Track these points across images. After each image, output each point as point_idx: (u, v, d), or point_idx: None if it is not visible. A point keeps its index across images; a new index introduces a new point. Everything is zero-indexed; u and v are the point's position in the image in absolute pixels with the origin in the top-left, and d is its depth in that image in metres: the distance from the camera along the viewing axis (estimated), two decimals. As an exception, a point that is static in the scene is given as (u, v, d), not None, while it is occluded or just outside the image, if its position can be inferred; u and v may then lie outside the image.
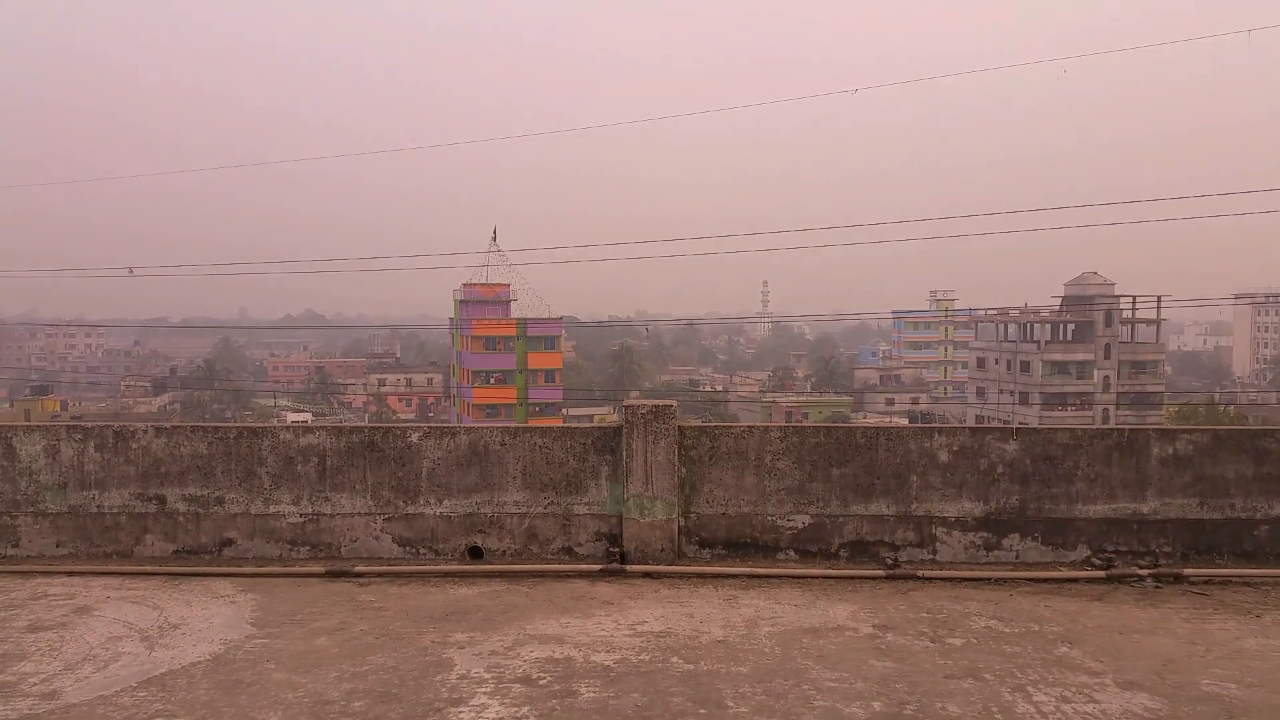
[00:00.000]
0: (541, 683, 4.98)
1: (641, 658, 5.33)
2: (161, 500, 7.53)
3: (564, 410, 74.36)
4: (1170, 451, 7.32)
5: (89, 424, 7.95)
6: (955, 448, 7.35)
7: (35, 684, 4.95)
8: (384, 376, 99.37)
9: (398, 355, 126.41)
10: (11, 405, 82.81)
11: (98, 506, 7.54)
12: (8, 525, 7.57)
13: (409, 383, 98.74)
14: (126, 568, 7.23)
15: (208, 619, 6.05)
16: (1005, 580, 6.87)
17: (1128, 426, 7.79)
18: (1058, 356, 71.04)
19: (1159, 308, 71.45)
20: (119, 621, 5.98)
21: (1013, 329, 75.93)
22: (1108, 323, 70.80)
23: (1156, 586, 6.76)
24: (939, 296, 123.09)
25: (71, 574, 7.08)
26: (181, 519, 7.53)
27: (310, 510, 7.48)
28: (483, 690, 4.88)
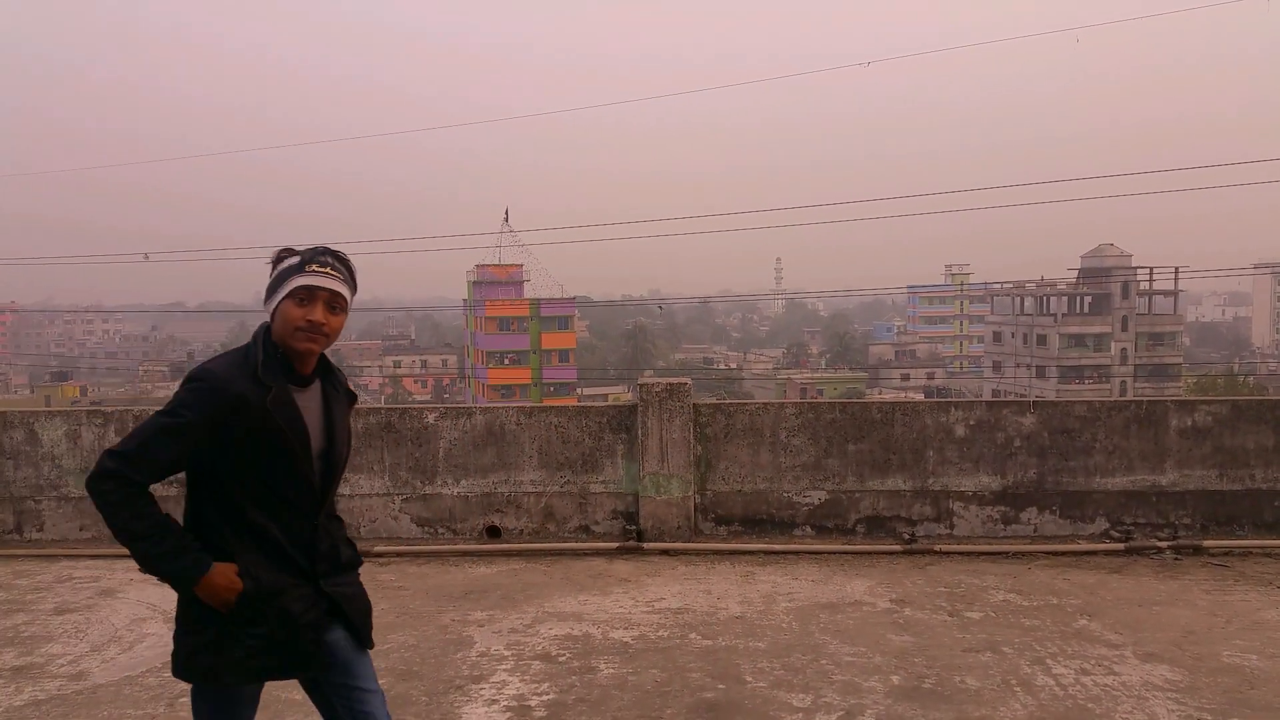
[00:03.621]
0: (561, 659, 5.02)
1: (660, 634, 5.36)
2: (181, 484, 7.58)
3: (578, 390, 74.45)
4: (1189, 423, 7.28)
5: (109, 409, 8.02)
6: (972, 422, 7.33)
7: (63, 665, 5.02)
8: (399, 358, 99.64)
9: (412, 337, 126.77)
10: (32, 391, 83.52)
11: (119, 490, 7.61)
12: (32, 509, 7.66)
13: (424, 364, 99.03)
14: (149, 550, 7.30)
15: (230, 600, 6.11)
16: (1023, 554, 6.87)
17: (1146, 398, 7.75)
18: (1074, 329, 70.55)
19: (1177, 279, 70.83)
20: (143, 603, 6.05)
21: (1029, 302, 75.40)
22: (1125, 295, 70.20)
23: (1176, 558, 6.74)
24: (954, 270, 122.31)
25: (95, 557, 7.16)
26: (202, 502, 7.59)
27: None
28: (503, 667, 4.92)
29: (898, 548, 6.99)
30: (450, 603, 6.00)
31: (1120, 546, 6.93)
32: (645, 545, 7.11)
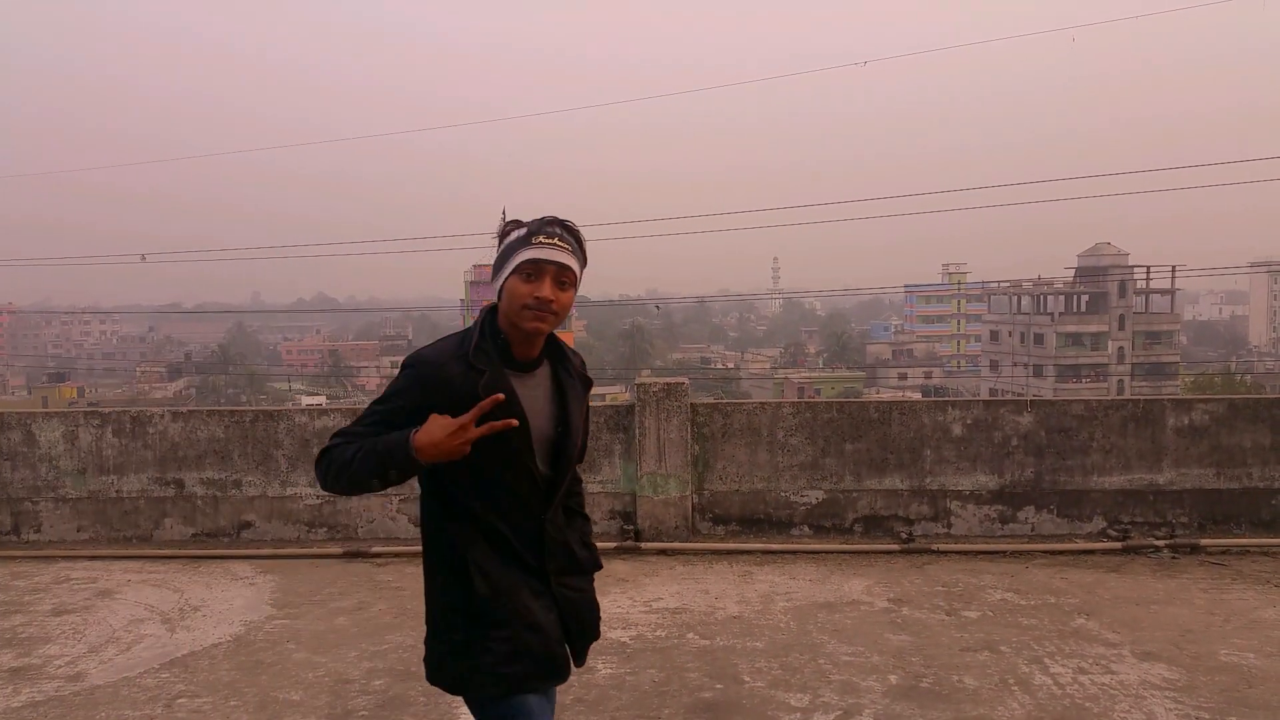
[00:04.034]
0: (559, 660, 5.01)
1: (657, 634, 5.36)
2: (180, 484, 7.59)
3: (576, 389, 74.21)
4: (1186, 421, 7.29)
5: (106, 410, 8.01)
6: (969, 421, 7.33)
7: (60, 666, 5.02)
8: (396, 358, 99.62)
9: (410, 337, 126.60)
10: (29, 392, 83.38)
11: (117, 491, 7.61)
12: (30, 510, 7.65)
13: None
14: (146, 551, 7.30)
15: (228, 601, 6.11)
16: (1021, 553, 6.87)
17: (1143, 397, 7.76)
18: (1072, 328, 70.61)
19: (1174, 277, 70.90)
20: (140, 604, 6.05)
21: (1026, 301, 75.46)
22: (1122, 293, 70.27)
23: (1173, 557, 6.75)
24: (951, 270, 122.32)
25: (93, 558, 7.15)
26: (200, 502, 7.59)
27: (327, 492, 7.52)
28: (501, 668, 4.91)
29: (895, 547, 7.00)
30: (448, 603, 5.98)
31: (1118, 545, 6.94)
32: (643, 545, 7.11)
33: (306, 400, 64.28)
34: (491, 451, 2.34)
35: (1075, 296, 72.77)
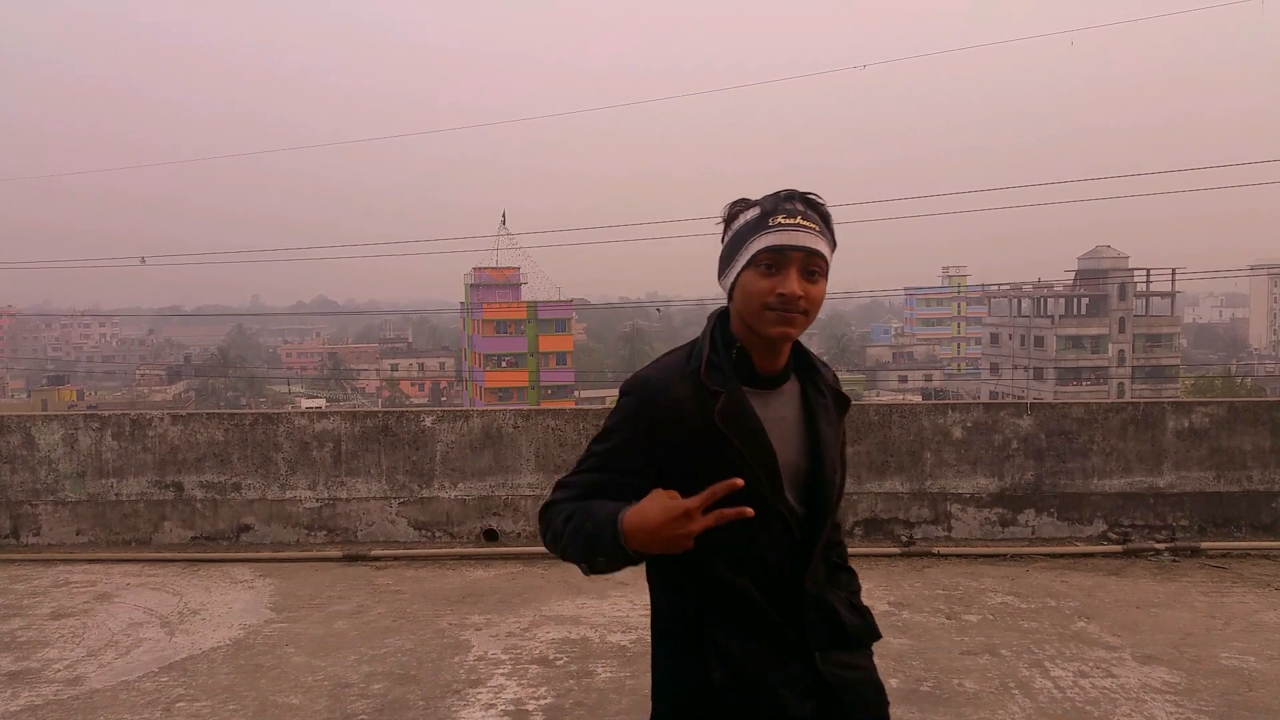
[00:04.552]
0: (559, 663, 5.01)
1: (658, 637, 5.34)
2: (179, 487, 7.59)
3: (576, 392, 74.41)
4: (1186, 424, 7.28)
5: (106, 413, 8.01)
6: (969, 424, 7.33)
7: (59, 670, 5.01)
8: (396, 361, 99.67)
9: (410, 340, 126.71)
10: (29, 395, 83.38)
11: (116, 494, 7.60)
12: (29, 514, 7.64)
13: (421, 367, 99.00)
14: (146, 555, 7.30)
15: (227, 604, 6.10)
16: (1021, 556, 6.86)
17: (1143, 400, 7.76)
18: (1072, 331, 70.65)
19: (1174, 280, 70.96)
20: (140, 608, 6.04)
21: (1026, 304, 75.50)
22: (1122, 296, 70.33)
23: (1173, 560, 6.75)
24: (951, 272, 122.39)
25: (92, 561, 7.15)
26: (199, 505, 7.58)
27: (326, 495, 7.52)
28: (500, 671, 4.91)
29: (895, 550, 6.99)
30: (447, 606, 5.99)
31: (1118, 548, 6.93)
32: (643, 548, 7.10)
33: (306, 403, 64.26)
34: (731, 494, 1.80)
35: (1075, 299, 72.82)
